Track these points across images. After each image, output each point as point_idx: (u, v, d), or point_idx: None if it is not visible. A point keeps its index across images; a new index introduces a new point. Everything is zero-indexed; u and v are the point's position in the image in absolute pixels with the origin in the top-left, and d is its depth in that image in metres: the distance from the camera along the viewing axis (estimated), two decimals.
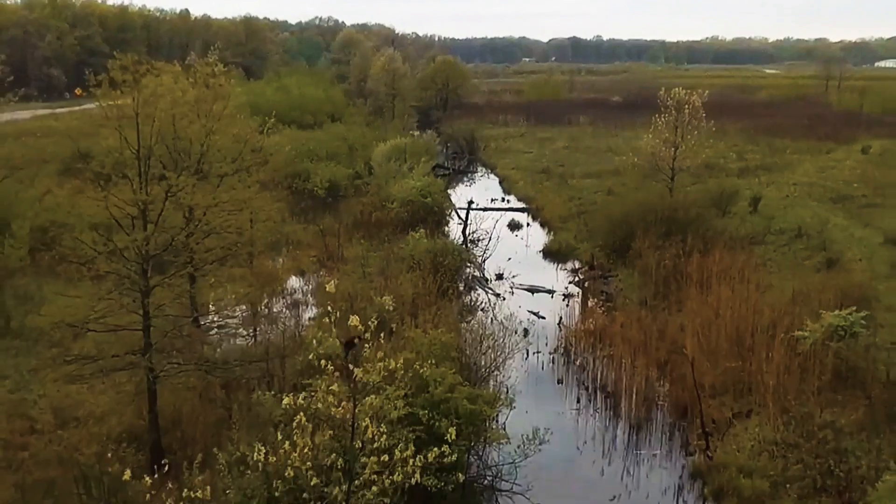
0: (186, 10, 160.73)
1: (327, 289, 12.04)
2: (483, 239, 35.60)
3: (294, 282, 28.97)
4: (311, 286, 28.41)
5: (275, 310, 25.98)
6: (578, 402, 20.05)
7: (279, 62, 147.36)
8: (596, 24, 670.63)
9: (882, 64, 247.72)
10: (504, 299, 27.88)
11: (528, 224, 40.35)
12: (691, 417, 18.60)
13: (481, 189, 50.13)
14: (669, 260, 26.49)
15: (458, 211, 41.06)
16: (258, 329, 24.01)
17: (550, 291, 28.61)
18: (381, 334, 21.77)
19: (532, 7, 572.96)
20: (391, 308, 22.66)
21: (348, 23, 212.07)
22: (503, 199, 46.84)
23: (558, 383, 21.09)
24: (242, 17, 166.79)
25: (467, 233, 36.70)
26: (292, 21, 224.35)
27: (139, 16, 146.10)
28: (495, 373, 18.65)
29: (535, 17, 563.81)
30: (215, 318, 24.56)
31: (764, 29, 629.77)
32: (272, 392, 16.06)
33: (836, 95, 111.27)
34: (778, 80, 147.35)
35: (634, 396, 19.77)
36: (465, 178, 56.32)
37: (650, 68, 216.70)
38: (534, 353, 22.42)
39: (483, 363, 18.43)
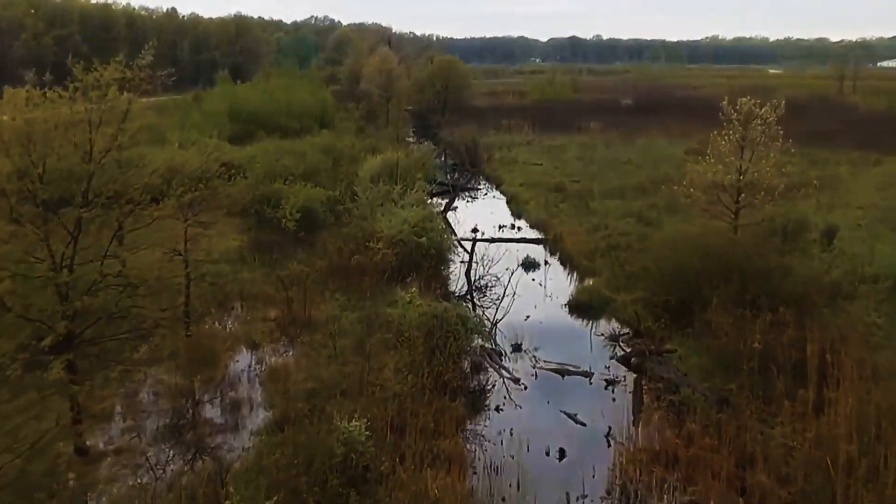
0: (174, 8, 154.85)
1: None
2: (492, 286, 28.36)
3: (242, 360, 21.57)
4: (263, 367, 20.98)
5: (206, 412, 18.67)
6: None
7: (272, 62, 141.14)
8: (595, 23, 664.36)
9: (885, 64, 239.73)
10: (525, 387, 20.52)
11: (545, 262, 32.76)
12: None
13: (486, 212, 42.74)
14: (760, 342, 19.01)
15: (461, 242, 33.85)
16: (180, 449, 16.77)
17: (587, 374, 21.15)
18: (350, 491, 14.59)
19: (531, 6, 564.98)
20: (364, 438, 15.56)
21: (344, 22, 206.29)
22: (513, 227, 39.35)
23: None
24: (233, 16, 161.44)
25: (472, 277, 29.40)
26: (287, 21, 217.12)
27: (123, 14, 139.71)
28: None
29: (534, 17, 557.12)
30: (121, 426, 17.58)
31: (764, 28, 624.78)
32: None
33: (855, 97, 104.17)
34: (788, 80, 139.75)
35: None
36: (468, 197, 48.91)
37: (656, 68, 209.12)
38: (577, 499, 15.08)
39: None
